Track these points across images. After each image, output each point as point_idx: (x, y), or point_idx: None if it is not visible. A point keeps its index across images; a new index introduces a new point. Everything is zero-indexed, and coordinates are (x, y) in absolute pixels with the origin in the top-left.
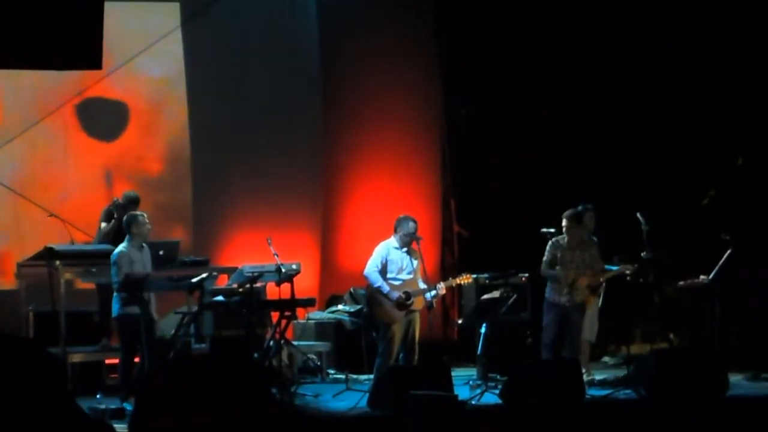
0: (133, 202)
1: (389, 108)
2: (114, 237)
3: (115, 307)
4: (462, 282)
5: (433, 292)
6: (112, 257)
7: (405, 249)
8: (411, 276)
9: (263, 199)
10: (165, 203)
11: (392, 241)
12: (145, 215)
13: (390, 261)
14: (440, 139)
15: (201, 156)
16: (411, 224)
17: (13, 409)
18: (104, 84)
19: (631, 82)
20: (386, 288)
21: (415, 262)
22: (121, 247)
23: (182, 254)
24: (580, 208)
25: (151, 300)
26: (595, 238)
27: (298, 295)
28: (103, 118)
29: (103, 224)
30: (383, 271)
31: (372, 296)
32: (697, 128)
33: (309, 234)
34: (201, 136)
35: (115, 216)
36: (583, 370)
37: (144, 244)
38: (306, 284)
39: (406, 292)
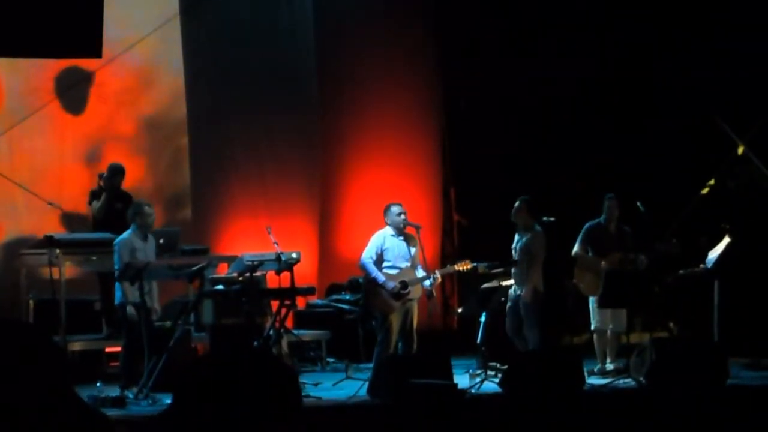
0: (119, 172)
1: (388, 96)
2: (106, 211)
3: (117, 295)
4: (461, 268)
5: (431, 280)
6: (114, 244)
7: (402, 237)
8: (408, 264)
9: (261, 187)
10: (162, 187)
11: (388, 230)
12: (151, 205)
13: (386, 249)
14: (440, 128)
15: (199, 144)
16: (394, 209)
17: (8, 394)
18: (102, 69)
19: (629, 72)
20: (381, 278)
21: (413, 250)
22: (124, 234)
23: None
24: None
25: (154, 288)
26: (627, 228)
27: (296, 282)
28: (98, 101)
29: (94, 203)
30: (380, 260)
31: (368, 286)
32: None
33: (307, 222)
34: (198, 124)
35: (102, 186)
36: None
37: (149, 234)
38: (303, 272)
39: (403, 281)
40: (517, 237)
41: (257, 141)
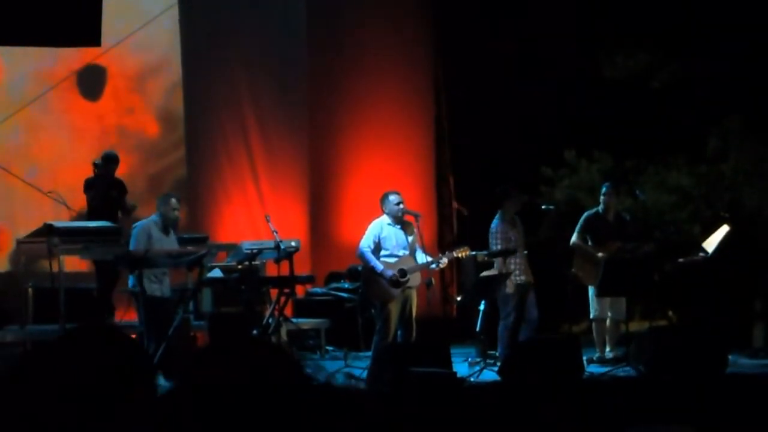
0: (114, 160)
1: (382, 84)
2: (102, 199)
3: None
4: (460, 255)
5: (437, 264)
6: (133, 226)
7: (399, 225)
8: (407, 252)
9: (252, 176)
10: (158, 176)
11: (385, 218)
12: (179, 199)
13: (384, 238)
14: (436, 115)
15: (194, 133)
16: (392, 197)
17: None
18: (100, 58)
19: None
20: (380, 267)
21: (411, 238)
22: (145, 219)
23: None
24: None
25: (166, 277)
26: (627, 216)
27: None
28: (96, 90)
29: (89, 191)
30: (378, 249)
31: (367, 275)
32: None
33: (298, 209)
34: (194, 114)
35: (97, 174)
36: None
37: (173, 231)
38: (295, 259)
39: (401, 270)
40: (505, 226)
41: (248, 129)
